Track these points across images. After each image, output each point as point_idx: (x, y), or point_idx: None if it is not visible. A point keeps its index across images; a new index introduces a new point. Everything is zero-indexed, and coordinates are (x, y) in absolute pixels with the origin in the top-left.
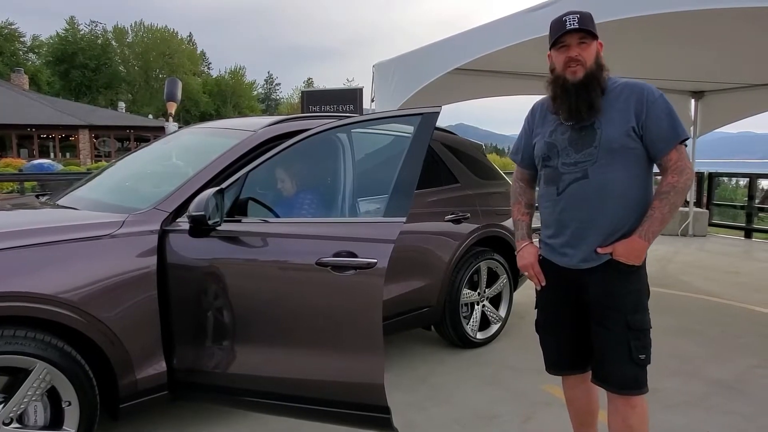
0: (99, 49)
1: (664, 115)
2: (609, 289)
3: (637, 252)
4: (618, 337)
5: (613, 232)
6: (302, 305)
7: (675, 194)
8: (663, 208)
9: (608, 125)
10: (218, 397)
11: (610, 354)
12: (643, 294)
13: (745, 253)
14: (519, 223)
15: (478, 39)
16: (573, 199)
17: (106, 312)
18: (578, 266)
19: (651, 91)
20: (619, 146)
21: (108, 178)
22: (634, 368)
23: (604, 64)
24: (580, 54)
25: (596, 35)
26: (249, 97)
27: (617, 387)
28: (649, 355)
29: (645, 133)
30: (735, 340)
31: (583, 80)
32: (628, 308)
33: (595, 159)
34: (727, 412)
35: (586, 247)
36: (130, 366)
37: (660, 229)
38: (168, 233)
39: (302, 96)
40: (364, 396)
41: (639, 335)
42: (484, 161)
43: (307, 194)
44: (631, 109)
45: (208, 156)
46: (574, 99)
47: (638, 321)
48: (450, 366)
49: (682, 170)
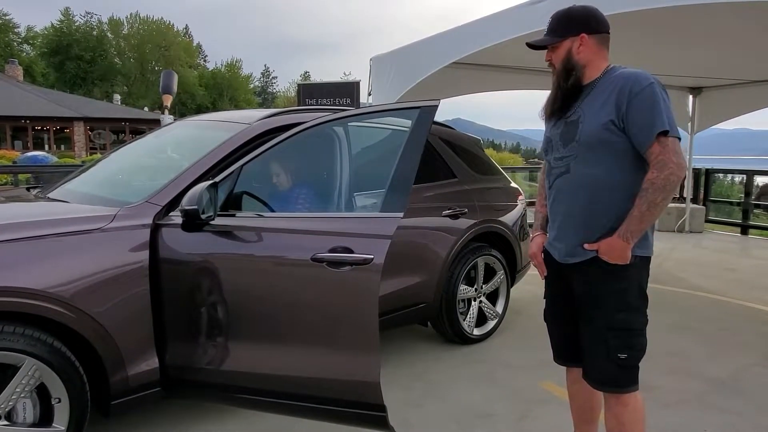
0: (94, 40)
1: (647, 106)
2: (591, 286)
3: (617, 251)
4: (597, 334)
5: (594, 229)
6: (297, 302)
7: (653, 191)
8: (641, 206)
9: (588, 119)
10: (211, 394)
11: (590, 350)
12: (631, 293)
13: (742, 250)
14: (537, 214)
15: (477, 33)
16: (558, 193)
17: (97, 307)
18: (565, 260)
19: (638, 81)
20: (596, 140)
21: (100, 170)
22: (612, 367)
23: (580, 61)
24: (551, 58)
25: (565, 34)
26: (245, 90)
27: (596, 383)
28: (634, 355)
29: (626, 126)
30: (732, 337)
31: (555, 80)
32: (610, 307)
33: (576, 153)
34: (723, 410)
35: (568, 241)
36: (122, 362)
37: (639, 227)
38: (160, 227)
39: (299, 89)
40: (360, 394)
41: (621, 334)
42: (482, 156)
43: (303, 188)
44: (613, 101)
45: (201, 149)
46: (552, 95)
47: (622, 321)
48: (446, 363)
49: (663, 165)
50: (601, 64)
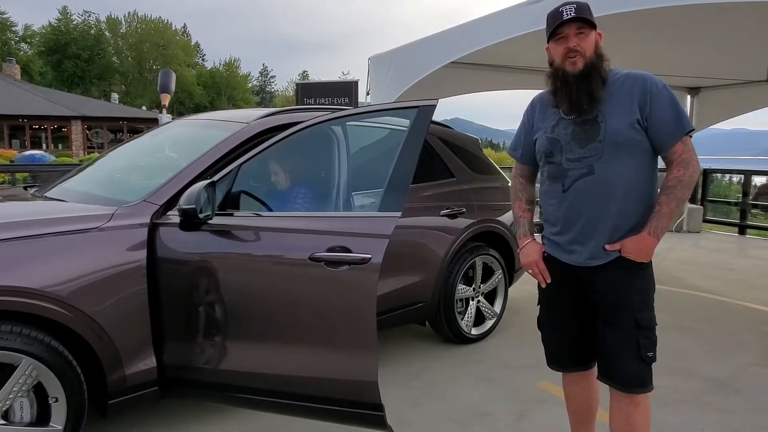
0: (92, 39)
1: (669, 105)
2: (617, 286)
3: (646, 249)
4: (627, 335)
5: (621, 229)
6: (295, 301)
7: (681, 188)
8: (670, 203)
9: (612, 118)
10: (209, 394)
11: (619, 352)
12: (650, 291)
13: (739, 250)
14: (520, 220)
15: (475, 32)
16: (580, 195)
17: (94, 306)
18: (586, 263)
19: (654, 82)
20: (624, 139)
21: (98, 170)
22: (642, 366)
23: (604, 54)
24: (579, 44)
25: (594, 24)
26: (244, 89)
27: (624, 385)
28: (655, 353)
29: (650, 125)
30: (730, 337)
31: (583, 71)
32: (636, 306)
33: (601, 153)
34: (722, 410)
35: (594, 244)
36: (119, 361)
37: (668, 224)
38: (158, 226)
39: (297, 89)
40: (358, 393)
41: (647, 333)
42: (480, 156)
43: (301, 188)
44: (635, 101)
45: (199, 148)
46: (575, 91)
47: (646, 319)
48: (444, 362)
49: (688, 163)
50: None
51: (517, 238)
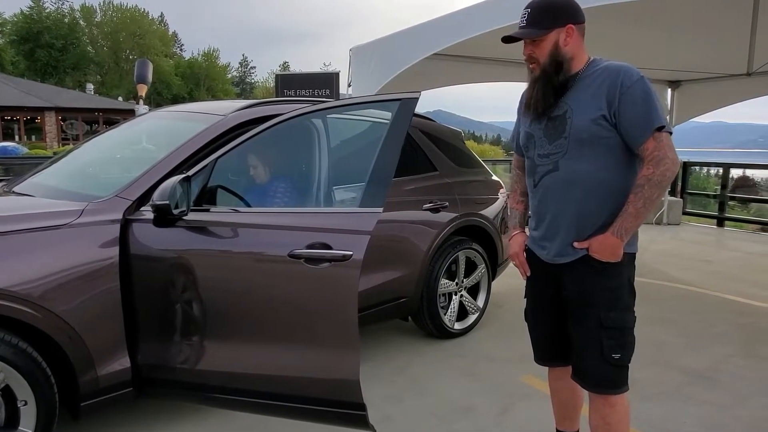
0: (66, 28)
1: (640, 100)
2: (583, 285)
3: (610, 249)
4: (590, 334)
5: (586, 227)
6: (274, 299)
7: (650, 187)
8: (637, 203)
9: (577, 114)
10: (186, 394)
11: (583, 352)
12: (622, 291)
13: (718, 242)
14: (513, 211)
15: (458, 24)
16: (546, 192)
17: (64, 306)
18: (554, 260)
19: (628, 75)
20: (588, 136)
21: (69, 163)
22: (607, 367)
23: (569, 53)
24: (534, 51)
25: (551, 25)
26: (223, 80)
27: (591, 385)
28: (626, 355)
29: (619, 121)
30: (710, 329)
31: (539, 77)
32: (602, 305)
33: (566, 150)
34: (703, 402)
35: (559, 241)
36: (91, 362)
37: (634, 224)
38: (131, 222)
39: (277, 80)
40: (339, 392)
41: (614, 334)
42: (463, 149)
43: (280, 182)
44: (603, 96)
45: (174, 141)
46: (533, 92)
47: (614, 319)
48: (427, 357)
49: (660, 161)
50: (584, 56)
51: (509, 228)
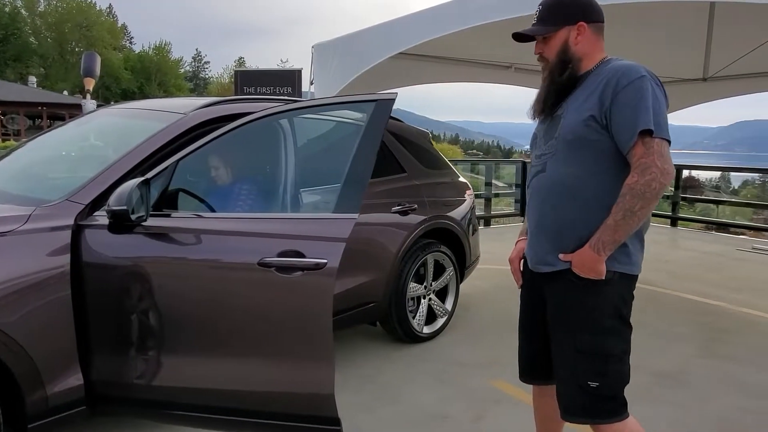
0: (6, 18)
1: (632, 101)
2: (561, 301)
3: (588, 263)
4: (563, 356)
5: (566, 236)
6: (242, 309)
7: (631, 197)
8: (616, 214)
9: (569, 114)
10: (144, 411)
11: (557, 373)
12: (602, 313)
13: (672, 241)
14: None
15: (423, 23)
16: (533, 194)
17: (6, 318)
18: (536, 269)
19: (626, 74)
20: (574, 137)
21: (13, 163)
22: (581, 395)
23: (580, 51)
24: (543, 50)
25: (561, 23)
26: (175, 74)
27: (562, 410)
28: (608, 384)
29: (610, 123)
30: (671, 329)
31: (546, 76)
32: (577, 327)
33: (555, 151)
34: (670, 403)
35: (539, 248)
36: (39, 380)
37: (612, 238)
38: (83, 228)
39: (236, 76)
40: (313, 407)
41: (592, 359)
42: (431, 150)
43: (245, 185)
44: (596, 95)
45: (130, 140)
46: (542, 92)
47: (592, 344)
48: (397, 363)
49: (645, 169)
50: (597, 56)
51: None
